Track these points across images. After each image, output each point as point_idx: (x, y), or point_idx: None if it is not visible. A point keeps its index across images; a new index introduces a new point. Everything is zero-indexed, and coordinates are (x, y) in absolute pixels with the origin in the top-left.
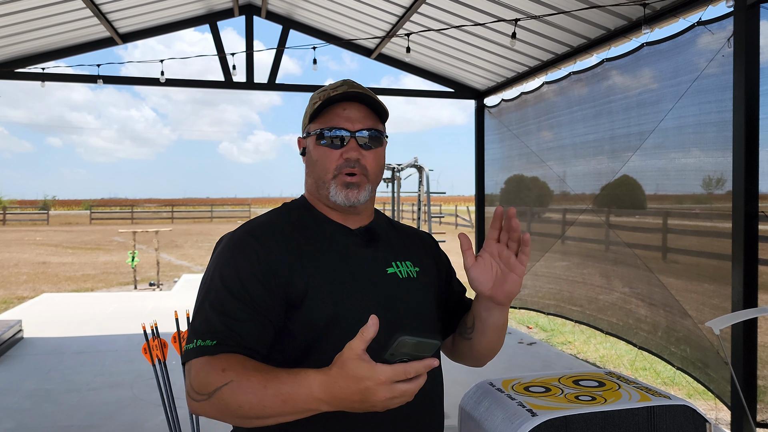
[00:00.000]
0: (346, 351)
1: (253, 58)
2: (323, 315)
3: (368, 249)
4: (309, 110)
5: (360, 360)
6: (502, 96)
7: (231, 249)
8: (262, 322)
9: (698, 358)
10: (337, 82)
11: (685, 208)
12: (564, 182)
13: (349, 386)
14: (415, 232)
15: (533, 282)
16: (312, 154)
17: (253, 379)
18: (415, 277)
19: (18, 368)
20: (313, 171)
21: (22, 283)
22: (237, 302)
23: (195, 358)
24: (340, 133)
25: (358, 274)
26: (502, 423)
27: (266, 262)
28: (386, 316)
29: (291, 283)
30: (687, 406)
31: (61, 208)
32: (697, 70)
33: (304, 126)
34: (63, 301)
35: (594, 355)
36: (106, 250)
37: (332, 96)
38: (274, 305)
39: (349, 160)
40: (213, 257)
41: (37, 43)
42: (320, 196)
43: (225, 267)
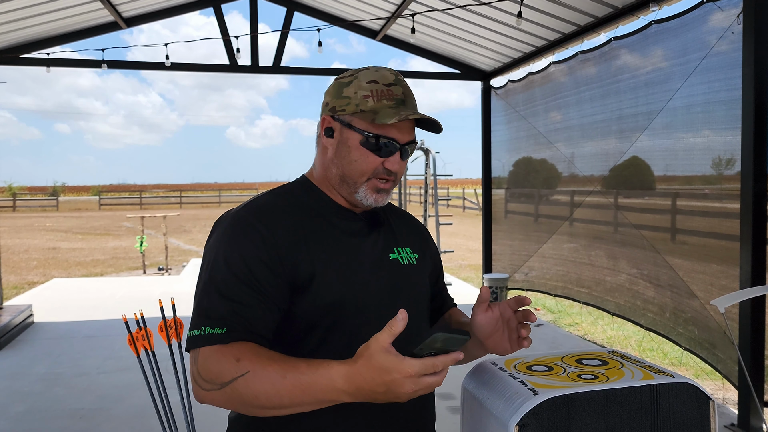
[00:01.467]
0: (372, 343)
1: (258, 40)
2: (329, 299)
3: (371, 233)
4: (357, 99)
5: (387, 353)
6: (509, 77)
7: (234, 230)
8: (269, 306)
9: (705, 338)
10: (388, 74)
11: (695, 189)
12: (572, 164)
13: (374, 378)
14: (409, 217)
15: (541, 264)
16: (351, 152)
17: (270, 369)
18: (415, 264)
19: (29, 352)
20: (345, 167)
21: (33, 268)
22: (244, 286)
23: (204, 346)
24: (390, 145)
25: (363, 259)
26: (504, 402)
27: (272, 245)
28: (390, 302)
29: (297, 266)
30: (690, 384)
31: (71, 194)
32: (707, 47)
33: (339, 108)
34: (73, 286)
35: (601, 336)
36: (115, 236)
37: (408, 117)
38: (280, 289)
39: (388, 170)
40: (213, 238)
41: (41, 28)
42: (341, 188)
43: (229, 249)
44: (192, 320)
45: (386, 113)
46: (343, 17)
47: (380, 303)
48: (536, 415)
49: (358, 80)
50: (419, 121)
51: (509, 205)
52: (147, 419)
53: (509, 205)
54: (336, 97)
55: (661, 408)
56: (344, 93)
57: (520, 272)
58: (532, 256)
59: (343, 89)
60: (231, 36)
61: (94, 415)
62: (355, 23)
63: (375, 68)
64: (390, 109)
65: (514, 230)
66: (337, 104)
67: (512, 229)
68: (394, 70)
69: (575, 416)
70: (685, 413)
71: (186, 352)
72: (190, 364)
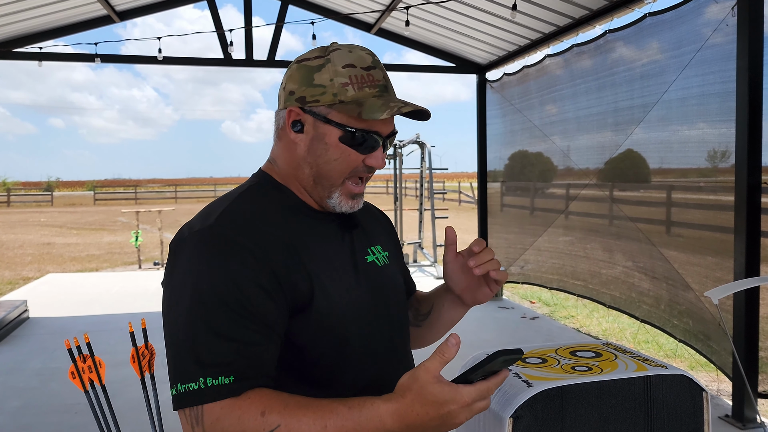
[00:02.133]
0: (422, 374)
1: (252, 34)
2: (331, 316)
3: (345, 235)
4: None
5: (440, 383)
6: (504, 70)
7: (211, 251)
8: (274, 340)
9: (700, 330)
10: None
11: (690, 182)
12: (568, 157)
13: (428, 413)
14: (372, 208)
15: (536, 257)
16: (329, 150)
17: (304, 420)
18: (388, 263)
19: (24, 348)
20: (321, 166)
21: (28, 264)
22: (242, 319)
23: (210, 402)
24: (375, 140)
25: (347, 265)
26: (498, 394)
27: (265, 263)
28: (377, 308)
29: (296, 284)
30: (684, 375)
31: (65, 189)
32: (701, 40)
33: (310, 98)
34: (68, 281)
35: (597, 328)
36: (110, 231)
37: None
38: (281, 315)
39: (370, 167)
40: (182, 265)
41: (34, 22)
42: (313, 191)
43: (215, 276)
44: (178, 369)
45: (373, 105)
46: (337, 10)
47: (368, 310)
48: (530, 407)
49: (333, 64)
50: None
51: (505, 198)
52: (143, 414)
53: (505, 199)
54: (305, 85)
55: (654, 399)
56: (316, 80)
57: (516, 265)
58: (527, 249)
59: (313, 75)
60: (225, 29)
61: (89, 410)
62: (350, 16)
63: (347, 47)
64: (375, 99)
65: (509, 223)
66: (307, 94)
67: (508, 222)
68: (367, 49)
69: (569, 408)
70: (678, 404)
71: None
72: (188, 424)
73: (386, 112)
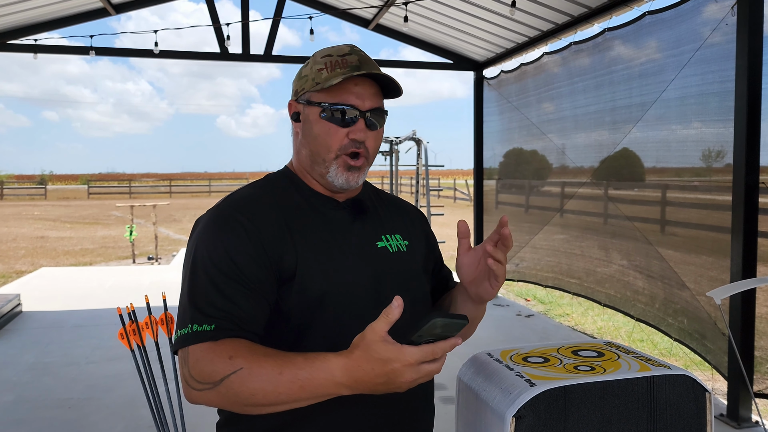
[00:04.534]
0: (369, 333)
1: (249, 28)
2: (314, 292)
3: (356, 222)
4: (312, 74)
5: (385, 342)
6: (502, 67)
7: (216, 225)
8: (258, 301)
9: (696, 329)
10: (343, 47)
11: (685, 181)
12: (564, 155)
13: (373, 369)
14: (403, 204)
15: (532, 255)
16: (313, 127)
17: (265, 365)
18: (404, 251)
19: (17, 342)
20: (311, 144)
21: (21, 257)
22: (230, 282)
23: (193, 344)
24: (349, 110)
25: (347, 249)
26: (500, 393)
27: (256, 238)
28: (377, 291)
29: (282, 258)
30: (687, 375)
31: (59, 182)
32: (700, 39)
33: (300, 89)
34: (61, 275)
35: (592, 327)
36: (105, 225)
37: (354, 75)
38: (267, 282)
39: (355, 141)
40: (195, 236)
41: (29, 14)
42: (313, 170)
43: (212, 245)
44: (178, 319)
45: (334, 76)
46: (335, 5)
47: (365, 293)
48: (533, 407)
49: (314, 58)
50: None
51: (500, 196)
52: (137, 409)
53: (500, 196)
54: (296, 80)
55: (657, 399)
56: (302, 73)
57: (511, 263)
58: (523, 247)
59: (301, 71)
60: (221, 23)
61: (83, 404)
62: (347, 12)
63: (332, 46)
64: (340, 73)
65: None
66: (297, 86)
67: None
68: (351, 45)
69: (572, 408)
70: (681, 405)
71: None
72: (180, 365)
73: (341, 78)
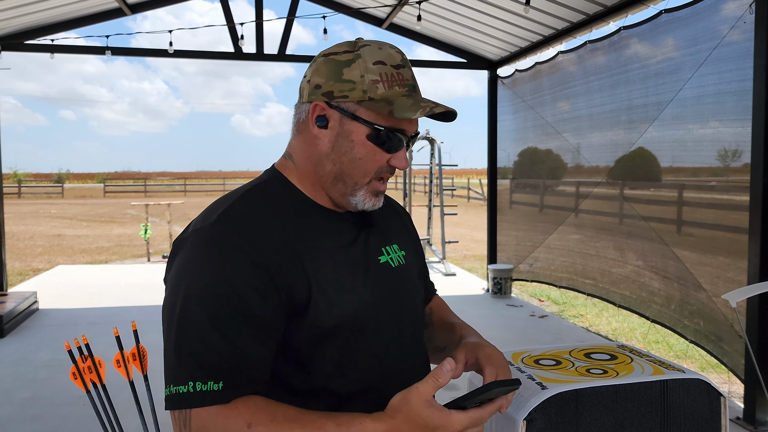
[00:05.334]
0: (414, 396)
1: (263, 27)
2: (329, 322)
3: (359, 235)
4: (364, 85)
5: (431, 408)
6: (516, 66)
7: (209, 251)
8: (267, 344)
9: (712, 331)
10: (392, 53)
11: (701, 181)
12: (579, 154)
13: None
14: (391, 203)
15: (546, 255)
16: (355, 148)
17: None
18: (404, 263)
19: (33, 339)
20: (345, 165)
21: (38, 255)
22: (235, 323)
23: (198, 407)
24: (401, 140)
25: (356, 267)
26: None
27: (260, 266)
28: (388, 312)
29: (293, 288)
30: (701, 380)
31: (76, 181)
32: (718, 37)
33: (338, 93)
34: (77, 273)
35: (606, 328)
36: (120, 223)
37: (434, 111)
38: (276, 319)
39: (393, 167)
40: (180, 264)
41: (46, 14)
42: (332, 188)
43: (206, 278)
44: (171, 370)
45: (404, 104)
46: (349, 5)
47: (377, 316)
48: (544, 410)
49: (363, 60)
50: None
51: (514, 195)
52: (145, 411)
53: (514, 196)
54: (333, 80)
55: (671, 403)
56: (345, 75)
57: (525, 263)
58: (537, 247)
59: (342, 70)
60: (236, 23)
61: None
62: (361, 11)
63: (377, 44)
64: (405, 98)
65: (519, 221)
66: (335, 89)
67: (517, 219)
68: (396, 47)
69: (584, 411)
70: (695, 409)
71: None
72: (176, 425)
73: (418, 112)
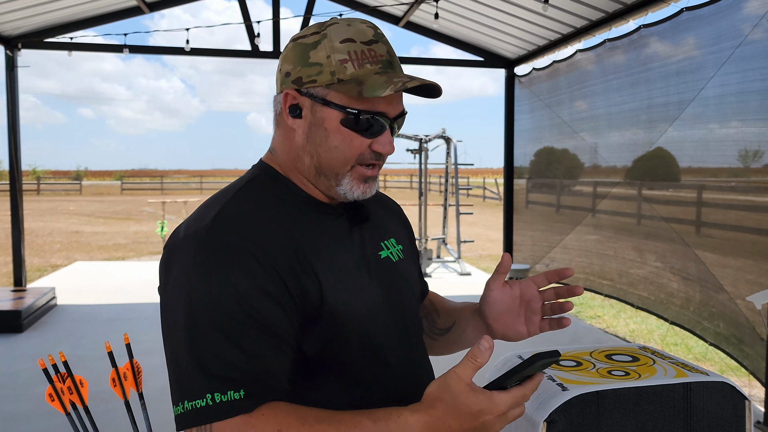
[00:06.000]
0: (454, 382)
1: (280, 26)
2: (343, 320)
3: (355, 230)
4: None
5: (474, 392)
6: (533, 65)
7: (210, 258)
8: (285, 350)
9: (732, 333)
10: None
11: (722, 181)
12: (596, 154)
13: (462, 425)
14: (384, 198)
15: (563, 255)
16: (330, 137)
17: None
18: (403, 258)
19: (51, 334)
20: (322, 155)
21: (56, 251)
22: (250, 332)
23: (220, 420)
24: (379, 122)
25: (360, 264)
26: (532, 397)
27: (271, 269)
28: (393, 308)
29: (306, 291)
30: (726, 383)
31: (93, 178)
32: (741, 35)
33: (307, 78)
34: (95, 269)
35: (624, 329)
36: (137, 220)
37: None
38: (292, 323)
39: (378, 154)
40: (179, 275)
41: (65, 12)
42: (317, 181)
43: (213, 286)
44: (181, 386)
45: (375, 82)
46: (365, 2)
47: (384, 313)
48: (565, 412)
49: (329, 39)
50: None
51: (530, 195)
52: (167, 403)
53: (530, 196)
54: (301, 65)
55: (694, 407)
56: (312, 58)
57: (542, 263)
58: (554, 248)
59: (309, 53)
60: (252, 21)
61: (114, 397)
62: (378, 9)
63: (346, 21)
64: (378, 76)
65: (535, 221)
66: (303, 74)
67: (533, 219)
68: (368, 22)
69: (605, 413)
70: (719, 412)
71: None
72: None
73: (389, 89)
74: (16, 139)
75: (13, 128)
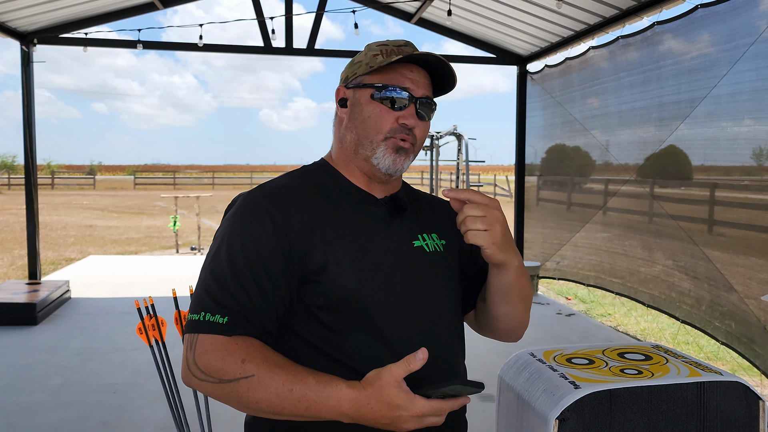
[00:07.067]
0: (385, 375)
1: (293, 22)
2: (344, 290)
3: (393, 220)
4: (367, 60)
5: (399, 389)
6: (546, 62)
7: (244, 213)
8: (276, 299)
9: (744, 333)
10: (400, 40)
11: (734, 180)
12: (607, 151)
13: (380, 411)
14: (437, 201)
15: (573, 253)
16: (363, 109)
17: (277, 378)
18: (441, 251)
19: (66, 327)
20: (358, 127)
21: (70, 245)
22: (251, 275)
23: (203, 333)
24: (402, 94)
25: (383, 248)
26: (544, 395)
27: (283, 230)
28: (411, 292)
29: (308, 254)
30: (740, 383)
31: (107, 173)
32: (756, 33)
33: (351, 75)
34: (108, 263)
35: (634, 328)
36: (149, 215)
37: (413, 54)
38: (290, 279)
39: (404, 126)
40: (224, 220)
41: (80, 8)
42: (357, 155)
43: (237, 233)
44: (192, 301)
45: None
46: None
47: (401, 293)
48: (577, 410)
49: (368, 46)
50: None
51: (541, 192)
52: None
53: (541, 193)
54: (348, 67)
55: (708, 406)
56: (355, 60)
57: (552, 261)
58: (564, 245)
59: (354, 59)
60: (265, 17)
61: (127, 390)
62: (390, 5)
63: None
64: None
65: (546, 218)
66: (349, 72)
67: (544, 216)
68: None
69: (617, 412)
70: (733, 412)
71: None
72: (185, 347)
73: (393, 58)
74: (31, 134)
75: (28, 123)
